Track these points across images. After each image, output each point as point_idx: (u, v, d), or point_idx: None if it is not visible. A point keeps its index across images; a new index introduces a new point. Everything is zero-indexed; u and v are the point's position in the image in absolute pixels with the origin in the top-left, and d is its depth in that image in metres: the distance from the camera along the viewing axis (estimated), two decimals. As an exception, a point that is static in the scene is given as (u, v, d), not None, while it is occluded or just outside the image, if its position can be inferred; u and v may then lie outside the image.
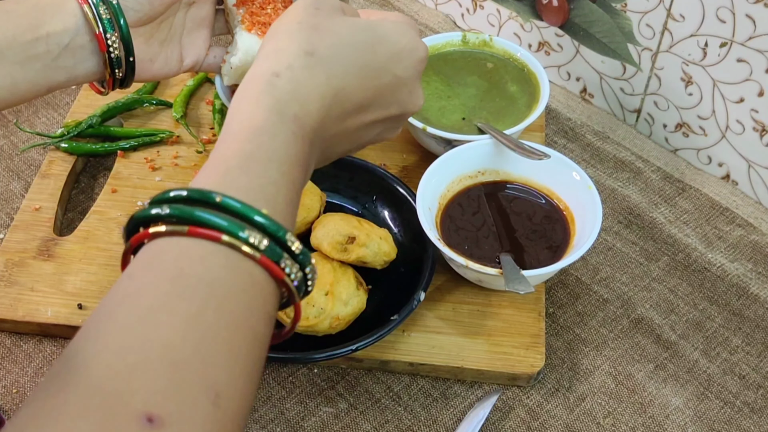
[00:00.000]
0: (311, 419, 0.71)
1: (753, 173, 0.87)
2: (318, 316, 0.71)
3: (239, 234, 0.43)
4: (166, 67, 0.70)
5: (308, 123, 0.52)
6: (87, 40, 0.63)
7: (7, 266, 0.79)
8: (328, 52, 0.54)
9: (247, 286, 0.44)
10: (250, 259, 0.44)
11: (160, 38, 0.69)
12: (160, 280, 0.42)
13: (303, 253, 0.46)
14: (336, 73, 0.54)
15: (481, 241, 0.77)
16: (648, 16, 0.86)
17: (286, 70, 0.52)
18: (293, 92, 0.52)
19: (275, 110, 0.50)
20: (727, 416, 0.72)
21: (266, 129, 0.49)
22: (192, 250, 0.43)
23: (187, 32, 0.71)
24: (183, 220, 0.43)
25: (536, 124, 0.90)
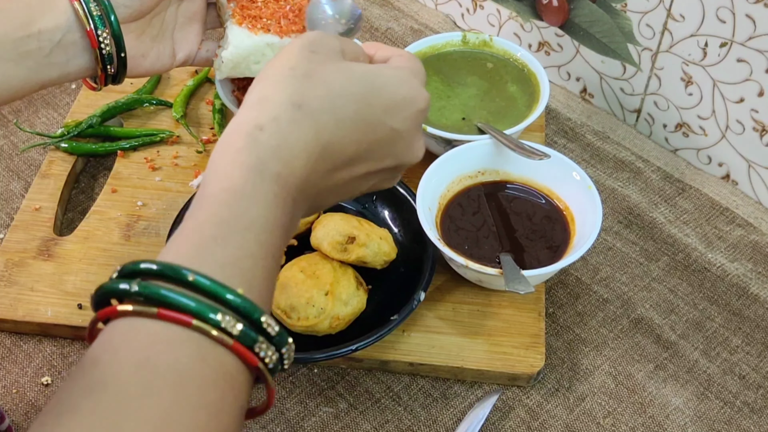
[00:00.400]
0: (311, 419, 0.71)
1: (753, 173, 0.87)
2: (318, 316, 0.71)
3: (210, 317, 0.40)
4: (158, 62, 0.70)
5: (292, 182, 0.48)
6: (78, 37, 0.63)
7: (7, 266, 0.79)
8: (319, 104, 0.50)
9: (218, 379, 0.41)
10: (222, 346, 0.41)
11: (152, 34, 0.69)
12: (126, 370, 0.39)
13: (279, 335, 0.43)
14: (326, 126, 0.49)
15: (481, 241, 0.77)
16: (648, 16, 0.86)
17: (271, 123, 0.48)
18: (277, 148, 0.48)
19: (256, 170, 0.46)
20: (727, 416, 0.72)
21: (245, 192, 0.46)
22: (160, 335, 0.40)
23: (179, 27, 0.71)
24: (152, 301, 0.41)
25: (536, 124, 0.90)
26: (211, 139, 0.91)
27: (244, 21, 0.72)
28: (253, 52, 0.72)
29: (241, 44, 0.71)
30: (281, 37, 0.73)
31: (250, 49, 0.72)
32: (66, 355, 0.75)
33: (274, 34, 0.73)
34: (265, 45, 0.72)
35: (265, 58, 0.73)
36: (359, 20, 0.72)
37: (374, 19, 1.09)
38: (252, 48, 0.72)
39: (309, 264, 0.74)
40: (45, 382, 0.73)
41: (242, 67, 0.73)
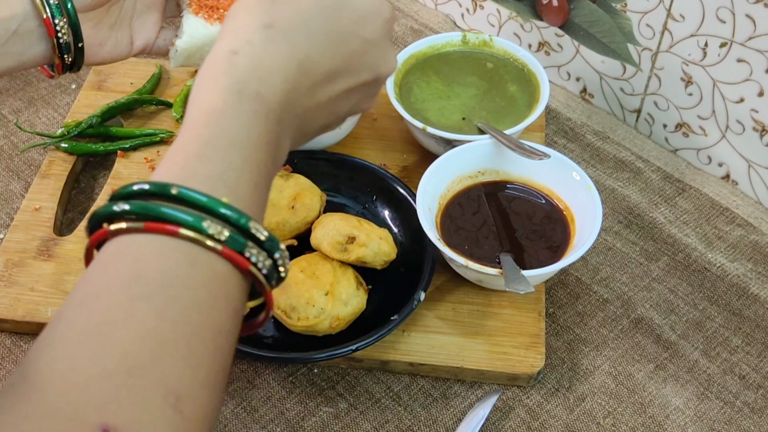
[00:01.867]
0: (311, 419, 0.71)
1: (753, 173, 0.87)
2: (318, 316, 0.71)
3: (197, 226, 0.41)
4: (115, 50, 0.69)
5: (273, 100, 0.49)
6: (35, 26, 0.62)
7: (7, 266, 0.79)
8: (289, 22, 0.51)
9: (208, 282, 0.42)
10: (212, 252, 0.42)
11: (110, 22, 0.69)
12: (116, 282, 0.40)
13: (270, 240, 0.44)
14: (299, 43, 0.51)
15: (481, 241, 0.77)
16: (648, 16, 0.86)
17: (245, 46, 0.49)
18: (253, 69, 0.49)
19: (234, 90, 0.48)
20: (727, 416, 0.72)
21: (225, 111, 0.47)
22: (150, 247, 0.42)
23: (138, 15, 0.70)
24: (141, 216, 0.42)
25: (536, 124, 0.90)
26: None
27: (200, 11, 0.71)
28: (208, 43, 0.71)
29: (196, 33, 0.70)
30: None
31: (205, 39, 0.71)
32: (66, 355, 0.75)
33: None
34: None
35: None
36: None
37: (374, 19, 1.09)
38: (207, 38, 0.71)
39: (309, 264, 0.74)
40: (45, 382, 0.73)
41: (196, 58, 0.72)
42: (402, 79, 0.90)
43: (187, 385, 0.39)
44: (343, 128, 0.88)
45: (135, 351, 0.38)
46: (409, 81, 0.90)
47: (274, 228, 0.78)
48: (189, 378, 0.39)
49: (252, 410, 0.72)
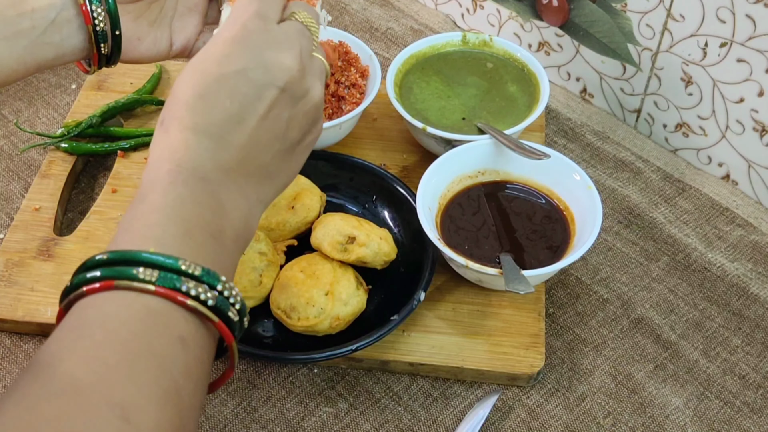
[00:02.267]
0: (311, 419, 0.71)
1: (753, 173, 0.87)
2: (318, 316, 0.71)
3: (128, 274, 0.45)
4: (154, 48, 0.69)
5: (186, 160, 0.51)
6: (73, 15, 0.63)
7: (7, 266, 0.79)
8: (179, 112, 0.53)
9: (144, 317, 0.45)
10: (147, 294, 0.45)
11: (150, 18, 0.68)
12: (65, 330, 0.45)
13: (206, 273, 0.47)
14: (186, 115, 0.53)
15: (481, 241, 0.77)
16: (648, 16, 0.86)
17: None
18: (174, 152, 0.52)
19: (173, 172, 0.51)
20: (727, 416, 0.72)
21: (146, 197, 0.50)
22: (93, 302, 0.46)
23: (178, 16, 0.70)
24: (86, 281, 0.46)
25: (536, 124, 0.90)
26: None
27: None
28: None
29: None
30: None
31: None
32: (66, 355, 0.75)
33: None
34: None
35: None
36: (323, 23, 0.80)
37: (374, 19, 1.09)
38: None
39: (309, 264, 0.74)
40: (45, 382, 0.73)
41: None
42: (402, 79, 0.90)
43: (132, 398, 0.42)
44: (344, 128, 0.88)
45: (81, 375, 0.42)
46: (409, 81, 0.90)
47: (274, 228, 0.78)
48: (134, 392, 0.42)
49: (252, 410, 0.72)
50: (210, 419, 0.71)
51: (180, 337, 0.46)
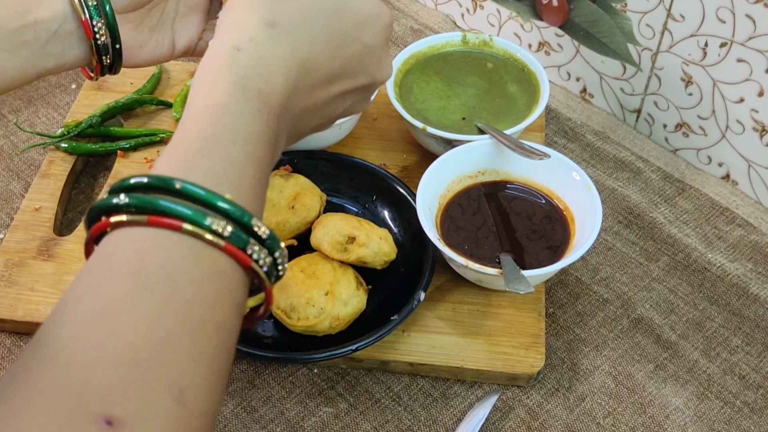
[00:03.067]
0: (311, 419, 0.71)
1: (753, 173, 0.87)
2: (318, 316, 0.71)
3: (202, 221, 0.41)
4: (156, 52, 0.69)
5: (274, 98, 0.49)
6: (74, 27, 0.63)
7: (7, 266, 0.79)
8: (291, 21, 0.51)
9: (211, 277, 0.42)
10: (215, 248, 0.42)
11: (151, 24, 0.68)
12: (119, 273, 0.40)
13: (271, 238, 0.44)
14: (301, 43, 0.51)
15: (481, 241, 0.77)
16: (648, 16, 0.86)
17: (248, 43, 0.50)
18: (256, 67, 0.49)
19: (238, 86, 0.48)
20: (727, 416, 0.72)
21: (229, 108, 0.47)
22: (152, 240, 0.41)
23: (180, 17, 0.70)
24: (142, 210, 0.42)
25: (536, 124, 0.90)
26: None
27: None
28: None
29: None
30: None
31: None
32: (66, 355, 0.75)
33: None
34: None
35: None
36: None
37: (374, 19, 1.09)
38: None
39: (309, 264, 0.74)
40: (45, 382, 0.73)
41: None
42: (402, 79, 0.90)
43: (190, 378, 0.39)
44: (344, 128, 0.88)
45: (139, 342, 0.38)
46: (409, 81, 0.90)
47: (274, 228, 0.78)
48: (192, 371, 0.39)
49: (252, 410, 0.72)
50: (210, 419, 0.71)
51: (238, 305, 0.43)
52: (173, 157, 0.45)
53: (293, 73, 0.51)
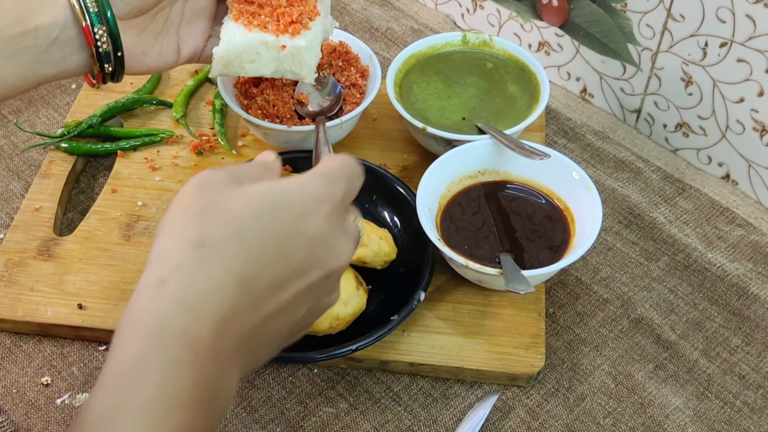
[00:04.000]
0: (311, 419, 0.71)
1: (753, 173, 0.87)
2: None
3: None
4: (160, 59, 0.68)
5: (204, 333, 0.43)
6: (75, 34, 0.62)
7: (7, 266, 0.79)
8: (221, 236, 0.46)
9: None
10: None
11: (155, 30, 0.67)
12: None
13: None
14: (235, 257, 0.46)
15: (481, 241, 0.77)
16: (648, 16, 0.86)
17: (175, 273, 0.44)
18: (182, 300, 0.44)
19: (155, 334, 0.42)
20: (727, 416, 0.72)
21: (140, 367, 0.42)
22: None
23: (186, 23, 0.69)
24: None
25: (536, 124, 0.90)
26: (211, 139, 0.91)
27: (240, 16, 0.70)
28: (247, 50, 0.70)
29: (233, 41, 0.69)
30: (277, 35, 0.71)
31: (243, 46, 0.69)
32: (66, 355, 0.75)
33: (270, 32, 0.70)
34: (260, 43, 0.70)
35: (260, 57, 0.71)
36: (339, 96, 0.87)
37: (374, 19, 1.09)
38: (245, 45, 0.69)
39: (309, 264, 0.74)
40: (45, 382, 0.73)
41: (235, 66, 0.71)
42: (402, 79, 0.90)
43: None
44: (344, 128, 0.88)
45: None
46: (409, 81, 0.90)
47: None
48: None
49: (252, 410, 0.72)
50: (210, 419, 0.71)
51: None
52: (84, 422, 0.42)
53: (229, 294, 0.45)
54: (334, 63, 0.92)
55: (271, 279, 0.47)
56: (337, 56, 0.92)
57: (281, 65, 0.72)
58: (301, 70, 0.72)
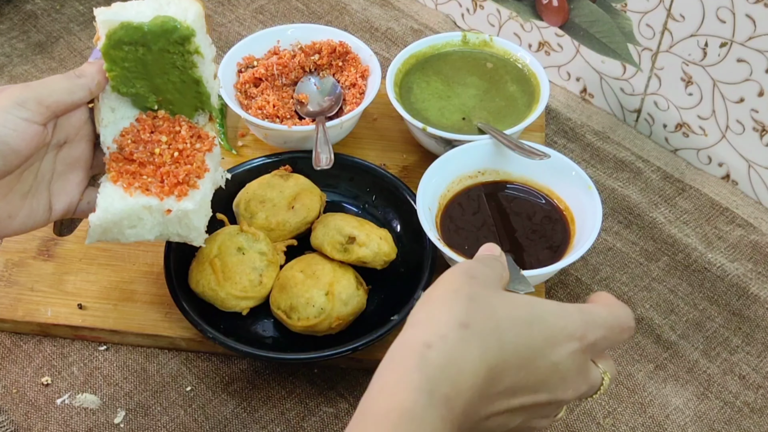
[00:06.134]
0: (311, 419, 0.71)
1: (753, 173, 0.87)
2: (318, 316, 0.71)
3: None
4: (29, 220, 0.62)
5: (459, 404, 0.47)
6: None
7: (7, 266, 0.79)
8: (484, 325, 0.49)
9: None
10: None
11: (22, 190, 0.62)
12: None
13: None
14: (491, 349, 0.49)
15: (481, 241, 0.77)
16: (648, 16, 0.86)
17: (440, 341, 0.48)
18: (445, 367, 0.47)
19: (425, 391, 0.46)
20: (727, 416, 0.72)
21: (415, 414, 0.45)
22: None
23: (57, 176, 0.64)
24: None
25: (536, 124, 0.90)
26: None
27: (119, 177, 0.63)
28: (127, 216, 0.63)
29: (111, 208, 0.62)
30: (161, 199, 0.63)
31: (122, 213, 0.62)
32: (66, 355, 0.75)
33: (153, 195, 0.63)
34: (142, 208, 0.63)
35: (143, 222, 0.64)
36: (339, 97, 0.88)
37: (374, 19, 1.09)
38: (124, 211, 0.62)
39: (309, 264, 0.74)
40: (45, 382, 0.73)
41: (114, 232, 0.64)
42: (402, 79, 0.90)
43: None
44: (344, 128, 0.88)
45: None
46: (409, 81, 0.90)
47: (274, 228, 0.78)
48: None
49: (252, 410, 0.72)
50: (210, 419, 0.71)
51: None
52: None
53: (480, 378, 0.48)
54: (334, 63, 0.92)
55: (510, 382, 0.50)
56: (337, 56, 0.92)
57: (166, 229, 0.65)
58: (189, 233, 0.66)
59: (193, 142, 0.66)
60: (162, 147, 0.65)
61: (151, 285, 0.78)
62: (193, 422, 0.71)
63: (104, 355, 0.76)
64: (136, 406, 0.72)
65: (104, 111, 0.65)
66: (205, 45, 0.65)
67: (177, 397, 0.73)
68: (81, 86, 0.62)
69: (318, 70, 0.92)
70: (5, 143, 0.57)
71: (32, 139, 0.59)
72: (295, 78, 0.91)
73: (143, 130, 0.65)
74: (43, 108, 0.59)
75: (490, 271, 0.54)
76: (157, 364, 0.75)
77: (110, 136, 0.65)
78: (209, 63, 0.66)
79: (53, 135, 0.62)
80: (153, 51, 0.63)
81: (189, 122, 0.67)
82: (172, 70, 0.65)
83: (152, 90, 0.66)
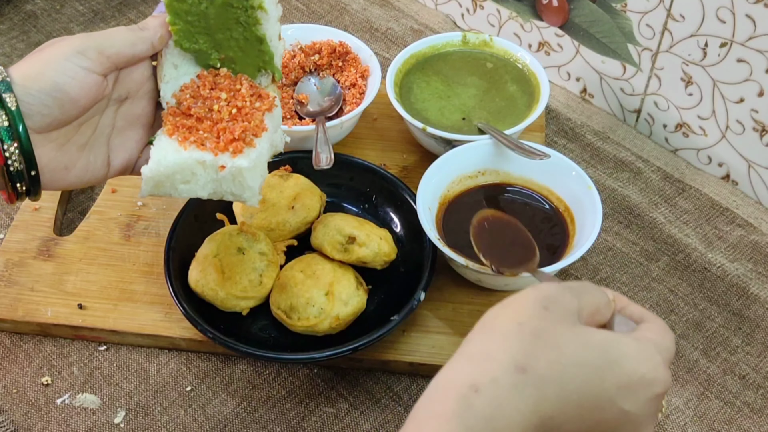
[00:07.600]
0: (311, 419, 0.71)
1: (753, 173, 0.87)
2: (318, 316, 0.71)
3: None
4: (86, 174, 0.61)
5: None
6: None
7: (7, 266, 0.79)
8: (545, 372, 0.44)
9: None
10: None
11: (80, 142, 0.60)
12: None
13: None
14: (548, 398, 0.44)
15: (481, 241, 0.77)
16: (648, 16, 0.86)
17: (489, 385, 0.43)
18: (490, 419, 0.42)
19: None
20: (727, 416, 0.72)
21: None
22: None
23: (118, 132, 0.63)
24: None
25: (536, 124, 0.90)
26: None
27: (175, 131, 0.62)
28: (180, 170, 0.61)
29: (164, 160, 0.60)
30: (215, 154, 0.62)
31: (175, 166, 0.61)
32: (66, 355, 0.75)
33: (208, 150, 0.62)
34: (195, 162, 0.61)
35: (196, 177, 0.62)
36: (339, 97, 0.88)
37: (374, 19, 1.09)
38: (177, 164, 0.61)
39: (309, 264, 0.74)
40: (45, 382, 0.73)
41: (167, 186, 0.62)
42: (402, 79, 0.90)
43: None
44: (344, 128, 0.88)
45: None
46: (409, 81, 0.90)
47: (274, 228, 0.78)
48: None
49: (252, 410, 0.72)
50: (210, 419, 0.71)
51: None
52: None
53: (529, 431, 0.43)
54: (334, 63, 0.92)
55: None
56: (337, 56, 0.92)
57: (220, 187, 0.63)
58: (243, 193, 0.63)
59: (252, 101, 0.65)
60: (221, 104, 0.64)
61: (151, 285, 0.78)
62: (193, 422, 0.71)
63: (104, 355, 0.76)
64: (136, 406, 0.72)
65: (167, 67, 0.64)
66: (269, 1, 0.65)
67: (177, 397, 0.73)
68: (143, 39, 0.61)
69: (318, 70, 0.92)
70: (63, 91, 0.56)
71: (91, 89, 0.58)
72: (295, 78, 0.91)
73: (203, 86, 0.65)
74: (104, 58, 0.58)
75: (570, 299, 0.48)
76: (157, 364, 0.75)
77: (170, 91, 0.64)
78: (274, 21, 0.66)
79: (114, 89, 0.62)
80: (216, 4, 0.63)
81: (250, 81, 0.66)
82: (235, 26, 0.64)
83: (215, 47, 0.65)
